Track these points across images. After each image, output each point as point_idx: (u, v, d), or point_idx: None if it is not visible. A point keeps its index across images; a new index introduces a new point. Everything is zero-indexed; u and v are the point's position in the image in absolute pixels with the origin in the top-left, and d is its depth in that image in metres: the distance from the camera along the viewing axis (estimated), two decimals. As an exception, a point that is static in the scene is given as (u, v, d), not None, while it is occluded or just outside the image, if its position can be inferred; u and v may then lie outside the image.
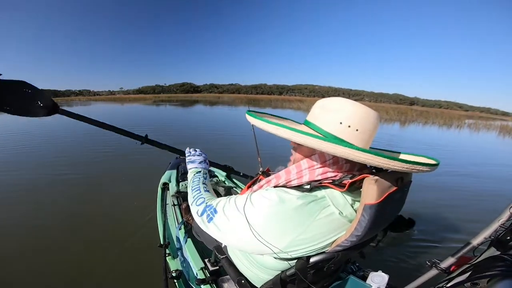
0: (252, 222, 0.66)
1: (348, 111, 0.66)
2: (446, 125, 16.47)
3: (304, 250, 0.68)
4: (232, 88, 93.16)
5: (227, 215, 0.71)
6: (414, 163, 0.57)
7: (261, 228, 0.65)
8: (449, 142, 9.56)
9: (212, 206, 0.76)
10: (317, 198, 0.66)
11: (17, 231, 2.50)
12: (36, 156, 5.38)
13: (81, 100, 47.05)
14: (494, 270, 0.64)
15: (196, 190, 0.88)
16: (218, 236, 0.73)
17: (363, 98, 75.91)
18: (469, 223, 2.80)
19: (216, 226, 0.72)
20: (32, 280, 1.87)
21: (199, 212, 0.78)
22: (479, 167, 5.53)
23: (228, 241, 0.72)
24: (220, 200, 0.77)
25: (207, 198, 0.82)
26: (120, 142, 6.58)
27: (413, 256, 2.20)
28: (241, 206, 0.69)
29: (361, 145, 0.65)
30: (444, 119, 18.36)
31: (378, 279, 0.95)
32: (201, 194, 0.85)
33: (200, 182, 0.92)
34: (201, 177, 0.95)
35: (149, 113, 16.72)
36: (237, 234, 0.69)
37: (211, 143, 6.50)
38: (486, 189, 4.11)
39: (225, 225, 0.71)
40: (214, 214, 0.73)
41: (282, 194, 0.66)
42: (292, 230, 0.64)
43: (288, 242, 0.65)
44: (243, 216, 0.67)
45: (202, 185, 0.90)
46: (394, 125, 14.53)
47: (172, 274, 1.32)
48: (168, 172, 2.44)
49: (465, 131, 14.29)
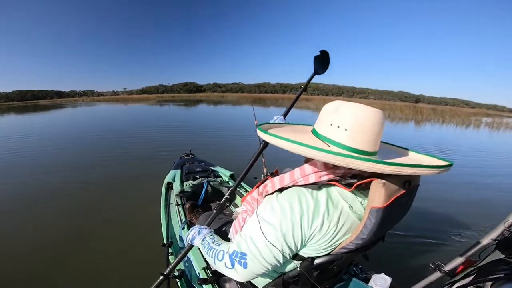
0: (272, 240, 0.67)
1: (340, 113, 0.66)
2: (464, 124, 15.86)
3: (316, 248, 0.69)
4: (235, 87, 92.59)
5: (258, 250, 0.70)
6: (408, 165, 0.56)
7: (282, 237, 0.66)
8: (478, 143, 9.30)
9: (236, 251, 0.74)
10: (329, 196, 0.67)
11: (19, 230, 2.53)
12: (37, 157, 5.45)
13: (85, 100, 47.17)
14: (498, 274, 0.63)
15: (211, 250, 0.85)
16: (262, 271, 0.72)
17: (367, 96, 74.72)
18: (474, 226, 2.76)
19: (255, 267, 0.71)
20: (35, 279, 1.89)
21: (229, 265, 0.75)
22: (493, 169, 5.45)
23: (271, 269, 0.72)
24: (238, 243, 0.75)
25: (225, 249, 0.80)
26: (120, 140, 6.67)
27: (416, 258, 2.18)
28: (258, 233, 0.69)
29: (355, 146, 0.64)
30: (461, 118, 17.55)
31: (380, 281, 0.94)
32: (217, 250, 0.83)
33: (210, 243, 0.89)
34: (208, 240, 0.92)
35: (152, 114, 16.60)
36: (273, 257, 0.69)
37: (215, 143, 6.52)
38: (495, 193, 4.05)
39: (256, 261, 0.70)
40: (245, 257, 0.72)
41: (294, 196, 0.67)
42: (308, 226, 0.65)
43: (303, 242, 0.68)
44: (265, 241, 0.68)
45: (213, 244, 0.87)
46: (410, 124, 14.06)
47: (174, 274, 1.32)
48: (172, 171, 2.45)
49: (487, 131, 13.55)
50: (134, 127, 9.70)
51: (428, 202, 3.27)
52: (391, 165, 0.55)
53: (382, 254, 2.14)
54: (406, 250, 2.28)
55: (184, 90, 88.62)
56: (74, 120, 13.60)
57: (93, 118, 14.56)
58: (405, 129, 11.98)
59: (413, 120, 15.94)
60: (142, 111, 19.10)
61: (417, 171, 0.57)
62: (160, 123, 11.23)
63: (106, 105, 26.32)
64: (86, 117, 15.34)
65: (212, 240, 0.90)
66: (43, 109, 23.71)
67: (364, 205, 0.68)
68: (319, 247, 0.69)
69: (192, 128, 9.50)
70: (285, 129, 0.85)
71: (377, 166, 0.56)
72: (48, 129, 9.96)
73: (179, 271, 1.33)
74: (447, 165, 0.59)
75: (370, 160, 0.56)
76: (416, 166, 0.56)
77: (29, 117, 16.43)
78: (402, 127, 12.53)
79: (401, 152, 0.79)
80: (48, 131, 9.22)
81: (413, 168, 0.56)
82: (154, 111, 19.07)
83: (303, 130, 0.82)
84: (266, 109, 19.80)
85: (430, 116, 18.04)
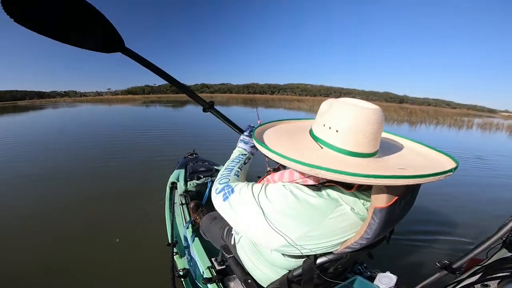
0: (266, 209, 0.65)
1: (331, 112, 0.64)
2: (457, 125, 15.80)
3: (315, 246, 0.67)
4: (223, 87, 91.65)
5: (242, 197, 0.71)
6: (397, 177, 0.51)
7: (274, 216, 0.64)
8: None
9: (231, 186, 0.76)
10: (329, 197, 0.65)
11: (22, 228, 2.56)
12: (37, 151, 5.50)
13: (66, 101, 45.38)
14: (505, 272, 0.63)
15: (228, 169, 0.87)
16: (230, 216, 0.72)
17: (354, 96, 74.07)
18: (481, 224, 2.73)
19: (230, 205, 0.72)
20: (39, 278, 1.91)
21: (218, 190, 0.78)
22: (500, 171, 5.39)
23: (238, 223, 0.72)
24: (239, 183, 0.77)
25: (231, 180, 0.81)
26: (128, 139, 6.70)
27: (422, 257, 2.16)
28: (256, 192, 0.69)
29: (347, 147, 0.61)
30: (453, 119, 17.53)
31: (386, 280, 0.94)
32: (229, 175, 0.84)
33: (237, 165, 0.89)
34: (242, 160, 0.92)
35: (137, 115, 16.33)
36: (249, 218, 0.68)
37: (214, 142, 6.52)
38: (503, 191, 4.01)
39: (239, 206, 0.71)
40: (231, 193, 0.73)
41: (296, 190, 0.66)
42: (304, 225, 0.64)
43: (299, 235, 0.64)
44: (257, 202, 0.67)
45: (237, 169, 0.88)
46: (404, 126, 14.06)
47: (179, 273, 1.34)
48: (176, 171, 2.46)
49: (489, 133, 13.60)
50: (136, 128, 9.74)
51: (433, 199, 3.25)
52: (385, 177, 0.51)
53: (387, 253, 2.13)
54: (411, 249, 2.26)
55: (171, 91, 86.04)
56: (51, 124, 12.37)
57: (73, 119, 14.28)
58: (413, 132, 11.93)
59: (415, 122, 15.98)
60: (133, 112, 18.57)
61: (412, 182, 0.52)
62: (153, 124, 11.17)
63: (89, 107, 25.45)
64: (62, 119, 14.85)
65: (240, 166, 0.89)
66: (21, 110, 22.72)
67: (366, 206, 0.67)
68: (315, 247, 0.67)
69: (192, 128, 9.53)
70: (285, 128, 0.84)
71: (365, 180, 0.51)
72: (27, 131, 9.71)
73: (184, 271, 1.34)
74: (448, 170, 0.54)
75: (357, 175, 0.51)
76: (411, 177, 0.51)
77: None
78: (403, 129, 12.52)
79: (409, 146, 0.77)
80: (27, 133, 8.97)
81: (410, 180, 0.51)
82: (144, 112, 18.73)
83: (301, 129, 0.80)
84: (266, 110, 19.74)
85: (425, 117, 18.06)
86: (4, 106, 36.33)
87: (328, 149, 0.64)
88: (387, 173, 0.53)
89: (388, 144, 0.76)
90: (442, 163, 0.63)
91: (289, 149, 0.64)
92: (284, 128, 0.84)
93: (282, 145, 0.68)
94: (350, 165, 0.58)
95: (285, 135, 0.77)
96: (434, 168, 0.57)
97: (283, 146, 0.68)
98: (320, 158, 0.61)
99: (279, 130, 0.82)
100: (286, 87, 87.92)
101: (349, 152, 0.61)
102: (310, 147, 0.67)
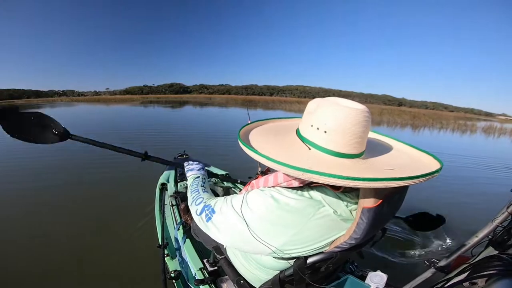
0: (248, 221, 0.65)
1: (319, 112, 0.63)
2: (460, 130, 15.21)
3: (301, 249, 0.67)
4: (222, 88, 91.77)
5: (224, 214, 0.71)
6: (388, 179, 0.51)
7: (257, 227, 0.65)
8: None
9: (210, 205, 0.76)
10: (312, 198, 0.65)
11: (18, 230, 2.48)
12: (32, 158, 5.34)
13: (64, 101, 45.31)
14: (492, 270, 0.64)
15: (195, 191, 0.89)
16: (216, 235, 0.72)
17: (353, 99, 74.49)
18: (468, 222, 2.80)
19: (215, 225, 0.72)
20: (31, 278, 1.86)
21: (198, 211, 0.78)
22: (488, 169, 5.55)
23: (225, 240, 0.72)
24: (218, 200, 0.77)
25: (205, 198, 0.83)
26: (118, 139, 6.56)
27: (411, 255, 2.20)
28: (237, 205, 0.69)
29: (335, 148, 0.61)
30: (456, 123, 16.96)
31: (377, 278, 0.95)
32: (199, 195, 0.86)
33: (199, 185, 0.93)
34: (200, 181, 0.96)
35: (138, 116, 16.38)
36: (234, 233, 0.68)
37: (207, 144, 6.49)
38: (487, 189, 4.14)
39: (222, 224, 0.71)
40: (212, 214, 0.73)
41: (277, 195, 0.65)
42: (287, 229, 0.64)
43: (284, 241, 0.64)
44: (239, 215, 0.67)
45: (201, 188, 0.91)
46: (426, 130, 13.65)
47: (170, 275, 1.32)
48: (166, 172, 2.43)
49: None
50: (136, 128, 9.59)
51: (422, 198, 3.32)
52: (377, 180, 0.51)
53: (377, 252, 2.17)
54: (401, 247, 2.30)
55: (169, 91, 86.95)
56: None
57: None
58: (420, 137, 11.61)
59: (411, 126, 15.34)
60: (130, 112, 18.62)
61: (403, 183, 0.52)
62: (145, 124, 11.10)
63: (86, 106, 25.06)
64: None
65: (202, 184, 0.94)
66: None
67: (349, 207, 0.66)
68: (301, 250, 0.67)
69: (183, 129, 9.45)
70: (269, 128, 0.83)
71: (360, 183, 0.51)
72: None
73: (175, 272, 1.32)
74: (435, 171, 0.56)
75: (351, 178, 0.50)
76: (402, 179, 0.51)
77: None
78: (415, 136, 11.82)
79: (394, 146, 0.78)
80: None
81: (394, 182, 0.51)
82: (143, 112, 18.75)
83: (287, 129, 0.79)
84: (265, 112, 19.74)
85: (428, 121, 17.38)
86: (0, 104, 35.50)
87: (316, 151, 0.63)
88: (376, 174, 0.53)
89: (373, 144, 0.76)
90: (428, 164, 0.65)
91: (278, 152, 0.63)
92: (270, 128, 0.83)
93: (270, 148, 0.67)
94: (339, 166, 0.58)
95: (271, 136, 0.76)
96: (419, 168, 0.59)
97: (271, 148, 0.67)
98: (310, 161, 0.60)
99: (265, 131, 0.81)
100: (284, 89, 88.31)
101: (337, 154, 0.61)
102: (297, 148, 0.66)
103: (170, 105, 25.25)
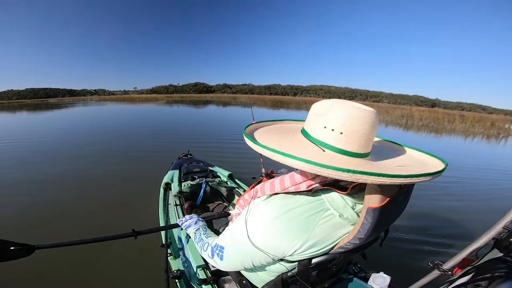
0: (259, 245, 0.68)
1: (333, 114, 0.63)
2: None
3: (309, 254, 0.69)
4: (245, 88, 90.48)
5: (234, 247, 0.75)
6: (395, 176, 0.52)
7: (269, 247, 0.67)
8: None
9: (218, 244, 0.81)
10: (317, 203, 0.66)
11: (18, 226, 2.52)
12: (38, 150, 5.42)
13: (94, 99, 47.04)
14: (496, 272, 0.63)
15: (200, 241, 0.94)
16: (235, 267, 0.78)
17: (381, 99, 71.42)
18: (473, 224, 2.78)
19: (229, 261, 0.77)
20: (33, 277, 1.88)
21: (210, 255, 0.84)
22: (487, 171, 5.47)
23: (244, 267, 0.77)
24: (219, 239, 0.83)
25: (210, 241, 0.88)
26: (120, 141, 6.65)
27: (415, 257, 2.18)
28: (242, 232, 0.71)
29: (350, 148, 0.62)
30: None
31: (380, 280, 0.94)
32: (204, 241, 0.92)
33: (202, 235, 0.98)
34: (201, 231, 1.01)
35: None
36: (249, 259, 0.72)
37: (209, 142, 6.51)
38: (493, 191, 4.08)
39: (235, 255, 0.75)
40: (222, 250, 0.78)
41: (281, 207, 0.67)
42: (297, 239, 0.65)
43: (293, 251, 0.67)
44: (248, 242, 0.69)
45: (204, 236, 0.97)
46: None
47: (173, 274, 1.32)
48: (170, 172, 2.44)
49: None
50: (139, 127, 9.66)
51: (426, 200, 3.29)
52: (397, 177, 0.52)
53: (381, 253, 2.15)
54: (404, 249, 2.29)
55: (194, 91, 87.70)
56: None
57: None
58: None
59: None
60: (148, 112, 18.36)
61: (412, 181, 0.54)
62: (154, 124, 11.15)
63: (113, 106, 25.39)
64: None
65: (204, 232, 0.99)
66: (48, 108, 23.49)
67: (355, 209, 0.67)
68: (309, 255, 0.69)
69: (188, 128, 9.48)
70: (273, 129, 0.82)
71: (387, 180, 0.52)
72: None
73: (178, 272, 1.33)
74: (441, 170, 0.57)
75: (382, 175, 0.52)
76: (410, 176, 0.53)
77: (30, 116, 16.17)
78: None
79: (395, 148, 0.80)
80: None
81: (409, 179, 0.53)
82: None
83: (291, 130, 0.78)
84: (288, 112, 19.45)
85: (484, 126, 14.43)
86: (36, 103, 38.10)
87: (330, 151, 0.63)
88: (389, 171, 0.54)
89: (380, 146, 0.79)
90: (434, 165, 0.66)
91: (296, 151, 0.61)
92: (271, 130, 0.81)
93: (289, 147, 0.65)
94: (358, 166, 0.58)
95: (276, 134, 0.75)
96: (427, 168, 0.61)
97: (288, 149, 0.64)
98: (333, 162, 0.58)
99: (268, 134, 0.78)
100: (308, 89, 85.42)
101: (352, 154, 0.62)
102: (310, 149, 0.65)
103: (194, 105, 24.83)
